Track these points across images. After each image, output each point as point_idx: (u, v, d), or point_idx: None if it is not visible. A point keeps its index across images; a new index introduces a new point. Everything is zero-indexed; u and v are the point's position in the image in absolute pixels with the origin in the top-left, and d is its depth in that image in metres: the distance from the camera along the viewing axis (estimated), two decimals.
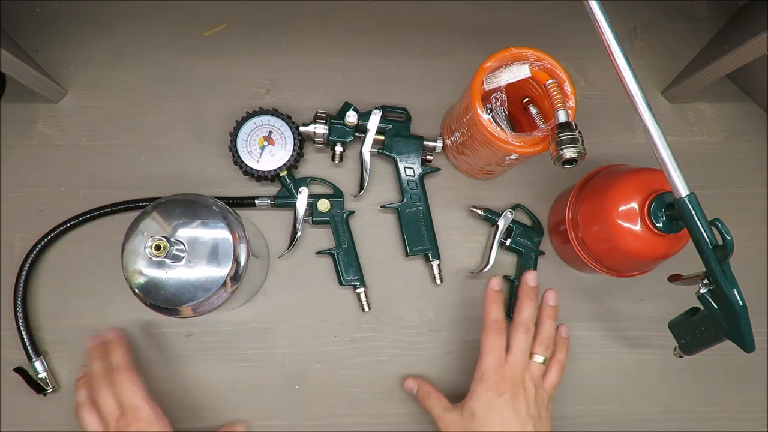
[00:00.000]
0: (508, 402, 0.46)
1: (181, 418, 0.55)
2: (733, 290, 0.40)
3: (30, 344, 0.54)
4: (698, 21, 0.68)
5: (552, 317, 0.51)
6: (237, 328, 0.57)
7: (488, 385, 0.47)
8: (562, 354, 0.52)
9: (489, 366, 0.48)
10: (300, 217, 0.57)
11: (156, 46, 0.63)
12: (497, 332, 0.49)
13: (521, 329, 0.49)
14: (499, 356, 0.48)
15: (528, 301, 0.50)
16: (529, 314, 0.50)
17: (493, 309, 0.50)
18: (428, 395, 0.52)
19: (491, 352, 0.48)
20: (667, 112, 0.66)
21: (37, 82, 0.57)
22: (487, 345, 0.49)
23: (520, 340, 0.49)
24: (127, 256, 0.45)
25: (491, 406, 0.46)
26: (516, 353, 0.48)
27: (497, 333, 0.49)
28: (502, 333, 0.49)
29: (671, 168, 0.40)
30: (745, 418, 0.59)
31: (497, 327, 0.49)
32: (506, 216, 0.58)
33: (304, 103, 0.62)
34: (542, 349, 0.49)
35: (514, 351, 0.48)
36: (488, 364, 0.48)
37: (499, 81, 0.48)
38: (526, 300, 0.51)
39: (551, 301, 0.52)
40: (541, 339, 0.50)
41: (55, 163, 0.60)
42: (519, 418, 0.46)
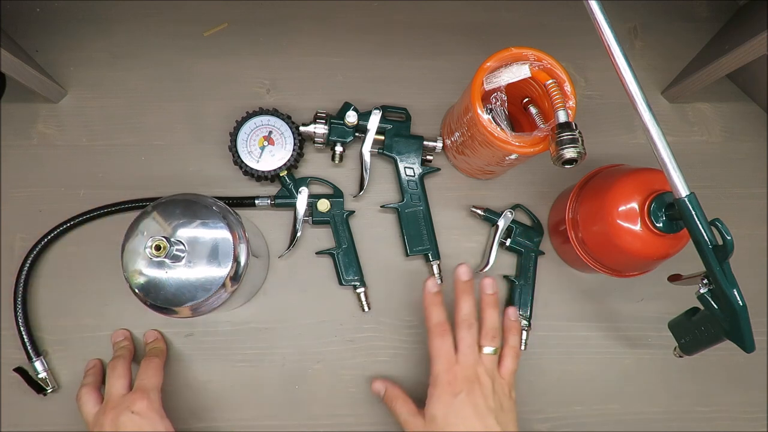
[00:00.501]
0: (465, 400, 0.46)
1: (181, 418, 0.55)
2: (733, 290, 0.40)
3: (30, 344, 0.54)
4: (698, 21, 0.68)
5: (492, 305, 0.51)
6: (237, 328, 0.57)
7: (442, 388, 0.47)
8: (513, 339, 0.51)
9: (440, 369, 0.48)
10: (300, 217, 0.57)
11: (156, 46, 0.63)
12: (441, 334, 0.49)
13: (464, 326, 0.49)
14: (448, 358, 0.48)
15: (464, 295, 0.50)
16: (468, 310, 0.50)
17: (433, 312, 0.50)
18: (395, 399, 0.51)
19: (439, 356, 0.48)
20: (667, 112, 0.66)
21: (37, 82, 0.57)
22: (434, 349, 0.49)
23: (465, 338, 0.49)
24: (127, 256, 0.45)
25: (449, 408, 0.46)
26: (464, 351, 0.48)
27: (441, 335, 0.49)
28: (447, 334, 0.49)
29: (671, 168, 0.40)
30: (745, 418, 0.59)
31: (441, 329, 0.49)
32: (506, 216, 0.58)
33: (304, 103, 0.62)
34: (488, 340, 0.49)
35: (461, 349, 0.48)
36: (439, 368, 0.48)
37: (499, 81, 0.48)
38: (462, 295, 0.50)
39: (488, 289, 0.51)
40: (486, 330, 0.49)
41: (55, 163, 0.60)
42: (478, 413, 0.46)
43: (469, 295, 0.50)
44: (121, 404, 0.47)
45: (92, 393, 0.50)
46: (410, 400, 0.51)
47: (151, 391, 0.49)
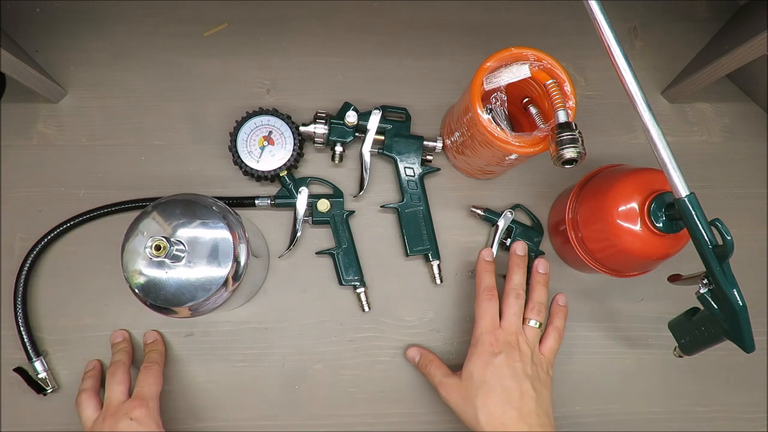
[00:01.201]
0: (503, 361, 0.47)
1: (181, 418, 0.55)
2: (733, 290, 0.40)
3: (30, 344, 0.54)
4: (698, 21, 0.68)
5: (542, 283, 0.53)
6: (237, 328, 0.57)
7: (483, 348, 0.48)
8: (559, 321, 0.53)
9: (483, 329, 0.49)
10: (300, 217, 0.57)
11: (156, 46, 0.63)
12: (489, 298, 0.50)
13: (512, 295, 0.51)
14: (492, 320, 0.50)
15: (517, 268, 0.52)
16: (519, 281, 0.52)
17: (485, 277, 0.52)
18: (430, 363, 0.53)
19: (484, 317, 0.50)
20: (667, 112, 0.66)
21: (37, 82, 0.57)
22: (480, 310, 0.50)
23: (511, 305, 0.50)
24: (127, 256, 0.45)
25: (487, 366, 0.47)
26: (508, 317, 0.50)
27: (489, 299, 0.50)
28: (494, 299, 0.51)
29: (671, 168, 0.40)
30: (745, 418, 0.59)
31: (489, 293, 0.51)
32: (506, 216, 0.58)
33: (304, 103, 0.62)
34: (534, 313, 0.51)
35: (506, 316, 0.50)
36: (482, 328, 0.49)
37: (499, 81, 0.48)
38: (515, 268, 0.53)
39: (541, 269, 0.54)
40: (533, 304, 0.51)
41: (55, 163, 0.60)
42: (515, 375, 0.47)
43: (521, 269, 0.52)
44: (120, 411, 0.47)
45: (91, 398, 0.50)
46: (444, 364, 0.53)
47: (150, 399, 0.49)
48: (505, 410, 0.46)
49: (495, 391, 0.47)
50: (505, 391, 0.46)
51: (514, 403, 0.46)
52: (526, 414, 0.46)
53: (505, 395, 0.46)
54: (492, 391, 0.47)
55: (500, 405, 0.46)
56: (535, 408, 0.46)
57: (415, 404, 0.57)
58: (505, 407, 0.46)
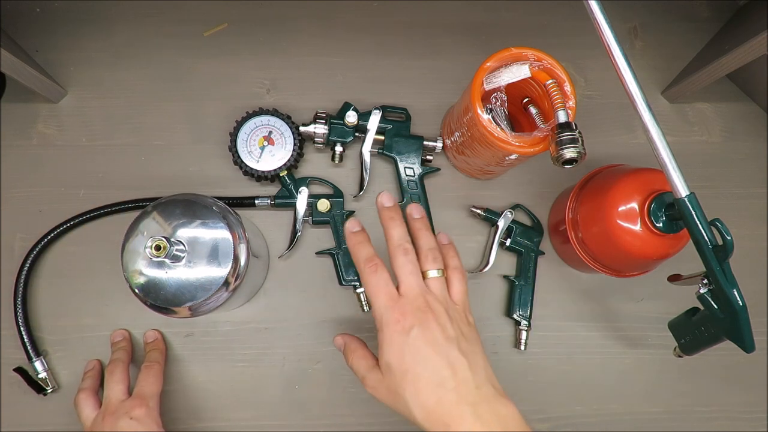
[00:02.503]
0: (419, 336, 0.39)
1: (181, 418, 0.55)
2: (733, 290, 0.40)
3: (30, 344, 0.54)
4: (698, 21, 0.68)
5: (425, 228, 0.45)
6: (237, 328, 0.57)
7: (391, 329, 0.40)
8: (453, 260, 0.45)
9: (383, 308, 0.40)
10: (300, 217, 0.57)
11: (156, 46, 0.63)
12: (374, 270, 0.41)
13: (399, 252, 0.42)
14: (388, 294, 0.41)
15: (391, 222, 0.43)
16: (399, 234, 0.43)
17: (359, 250, 0.43)
18: (352, 353, 0.45)
19: (377, 293, 0.41)
20: (667, 112, 0.66)
21: (37, 82, 0.57)
22: (370, 287, 0.41)
23: (403, 265, 0.41)
24: (127, 256, 0.45)
25: (404, 352, 0.39)
26: (406, 280, 0.41)
27: (374, 270, 0.41)
28: (381, 267, 0.41)
29: (671, 168, 0.40)
30: (745, 418, 0.59)
31: (372, 264, 0.41)
32: (506, 216, 0.58)
33: (304, 103, 0.62)
34: (430, 261, 0.42)
35: (402, 279, 0.41)
36: (381, 307, 0.40)
37: (499, 81, 0.48)
38: (390, 222, 0.43)
39: (416, 213, 0.45)
40: (425, 253, 0.43)
41: (55, 163, 0.60)
42: (438, 347, 0.39)
43: (398, 220, 0.43)
44: (120, 409, 0.47)
45: (90, 398, 0.50)
46: (369, 354, 0.44)
47: (151, 399, 0.49)
48: (440, 395, 0.38)
49: (422, 378, 0.38)
50: (433, 373, 0.38)
51: (448, 383, 0.38)
52: (464, 391, 0.38)
53: (435, 377, 0.38)
54: (418, 378, 0.38)
55: (432, 391, 0.38)
56: (472, 377, 0.39)
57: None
58: (439, 392, 0.38)
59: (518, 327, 0.58)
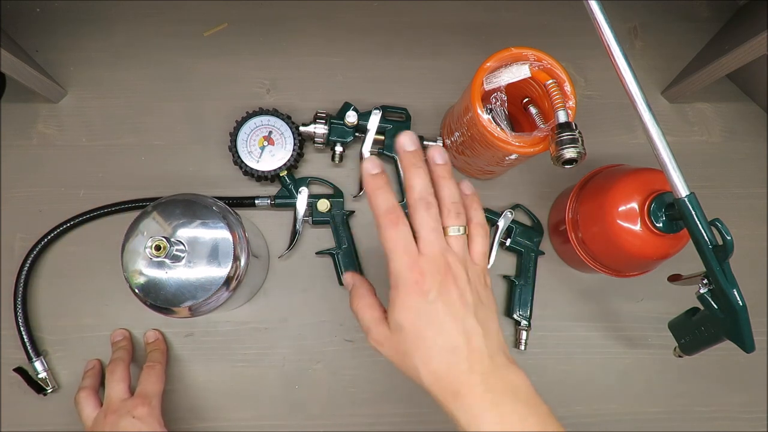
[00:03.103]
0: (437, 301, 0.37)
1: (181, 418, 0.55)
2: (733, 290, 0.40)
3: (30, 344, 0.54)
4: (698, 21, 0.68)
5: (447, 176, 0.40)
6: (237, 328, 0.57)
7: (407, 289, 0.37)
8: (477, 214, 0.41)
9: (401, 266, 0.38)
10: (300, 217, 0.57)
11: (156, 46, 0.63)
12: (395, 223, 0.38)
13: (421, 206, 0.38)
14: (408, 250, 0.38)
15: (413, 169, 0.39)
16: (422, 185, 0.39)
17: (379, 198, 0.39)
18: (360, 299, 0.42)
19: (396, 249, 0.38)
20: (667, 112, 0.66)
21: (37, 82, 0.57)
22: (389, 242, 0.38)
23: (425, 221, 0.38)
24: (127, 256, 0.45)
25: (419, 315, 0.37)
26: (427, 237, 0.38)
27: (395, 224, 0.38)
28: (402, 221, 0.38)
29: (671, 168, 0.40)
30: (745, 418, 0.59)
31: (393, 217, 0.38)
32: (506, 216, 0.58)
33: (304, 103, 0.62)
34: (453, 218, 0.39)
35: (423, 236, 0.38)
36: (399, 265, 0.38)
37: (499, 81, 0.48)
38: (412, 169, 0.39)
39: (438, 158, 0.41)
40: (447, 207, 0.39)
41: (55, 163, 0.60)
42: (455, 314, 0.37)
43: (420, 168, 0.39)
44: (122, 408, 0.47)
45: (90, 397, 0.50)
46: (377, 304, 0.42)
47: (153, 398, 0.49)
48: (452, 363, 0.36)
49: (435, 345, 0.37)
50: (447, 340, 0.37)
51: (461, 351, 0.36)
52: (476, 360, 0.37)
53: (448, 344, 0.36)
54: (432, 345, 0.37)
55: (444, 359, 0.36)
56: (485, 346, 0.37)
57: (415, 404, 0.56)
58: (451, 360, 0.36)
59: (518, 327, 0.58)
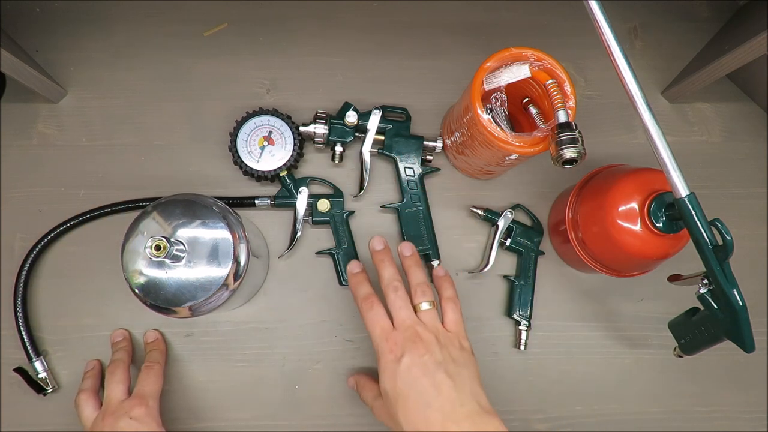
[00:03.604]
0: (409, 362, 0.43)
1: (181, 417, 0.55)
2: (733, 290, 0.40)
3: (30, 344, 0.54)
4: (698, 21, 0.68)
5: (415, 264, 0.49)
6: (237, 328, 0.57)
7: (385, 358, 0.44)
8: (448, 291, 0.49)
9: (378, 340, 0.45)
10: (300, 217, 0.57)
11: (156, 46, 0.63)
12: (370, 307, 0.46)
13: (390, 291, 0.46)
14: (383, 327, 0.45)
15: (381, 264, 0.48)
16: (389, 273, 0.47)
17: (359, 289, 0.48)
18: (363, 388, 0.50)
19: (374, 327, 0.45)
20: (667, 112, 0.66)
21: (37, 82, 0.57)
22: (368, 322, 0.46)
23: (394, 301, 0.46)
24: (127, 256, 0.45)
25: (396, 376, 0.43)
26: (397, 314, 0.45)
27: (370, 308, 0.46)
28: (376, 304, 0.46)
29: (671, 168, 0.40)
30: (745, 418, 0.59)
31: (368, 302, 0.46)
32: (506, 216, 0.58)
33: (304, 103, 0.62)
34: (420, 295, 0.46)
35: (395, 313, 0.46)
36: (377, 339, 0.45)
37: (499, 81, 0.48)
38: (380, 264, 0.48)
39: (407, 251, 0.50)
40: (414, 287, 0.47)
41: (55, 163, 0.60)
42: (426, 370, 0.42)
43: (388, 262, 0.48)
44: (120, 409, 0.47)
45: (90, 398, 0.50)
46: (377, 387, 0.47)
47: (150, 398, 0.49)
48: (427, 415, 0.41)
49: (411, 400, 0.42)
50: (420, 395, 0.42)
51: (434, 403, 0.41)
52: (449, 410, 0.41)
53: (422, 399, 0.42)
54: (408, 400, 0.42)
55: (420, 411, 0.42)
56: (457, 396, 0.42)
57: None
58: (426, 412, 0.41)
59: (518, 327, 0.58)
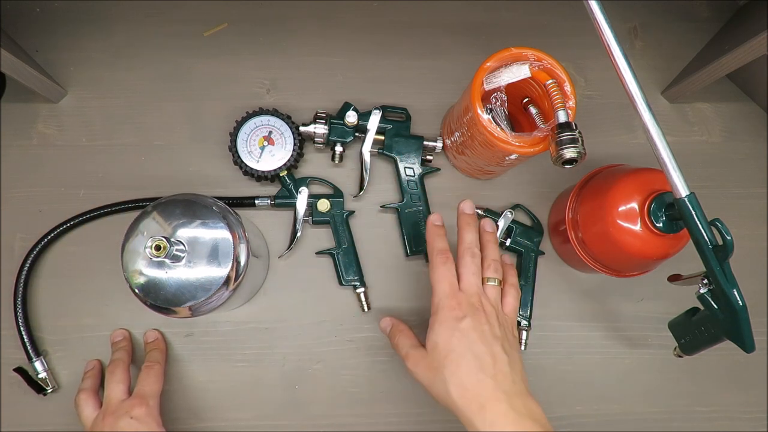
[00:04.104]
0: (470, 325, 0.43)
1: (182, 417, 0.55)
2: (733, 290, 0.40)
3: (30, 344, 0.54)
4: (698, 21, 0.68)
5: (493, 241, 0.50)
6: (237, 328, 0.57)
7: (445, 313, 0.44)
8: (512, 278, 0.50)
9: (442, 295, 0.45)
10: (300, 217, 0.57)
11: (156, 46, 0.63)
12: (444, 261, 0.47)
13: (467, 254, 0.47)
14: (451, 284, 0.46)
15: (467, 227, 0.49)
16: (471, 239, 0.48)
17: (436, 241, 0.48)
18: (399, 333, 0.49)
19: (442, 281, 0.46)
20: (667, 112, 0.66)
21: (37, 82, 0.57)
22: (437, 274, 0.46)
23: (468, 266, 0.47)
24: (127, 256, 0.44)
25: (453, 333, 0.43)
26: (467, 278, 0.46)
27: (444, 262, 0.47)
28: (450, 261, 0.47)
29: (671, 168, 0.40)
30: (745, 418, 0.59)
31: (443, 256, 0.47)
32: (506, 216, 0.58)
33: (304, 103, 0.62)
34: (491, 271, 0.48)
35: (464, 277, 0.46)
36: (441, 293, 0.45)
37: (499, 81, 0.48)
38: (465, 227, 0.49)
39: (488, 227, 0.51)
40: (489, 262, 0.48)
41: (55, 163, 0.60)
42: (484, 338, 0.43)
43: (473, 227, 0.49)
44: (120, 409, 0.47)
45: (90, 398, 0.50)
46: (414, 335, 0.49)
47: (151, 398, 0.49)
48: (480, 379, 0.42)
49: (465, 359, 0.42)
50: (476, 358, 0.42)
51: (488, 369, 0.42)
52: (501, 380, 0.42)
53: (477, 362, 0.42)
54: (461, 359, 0.42)
55: (473, 374, 0.42)
56: (510, 372, 0.43)
57: (415, 404, 0.56)
58: (479, 375, 0.42)
59: (518, 327, 0.58)
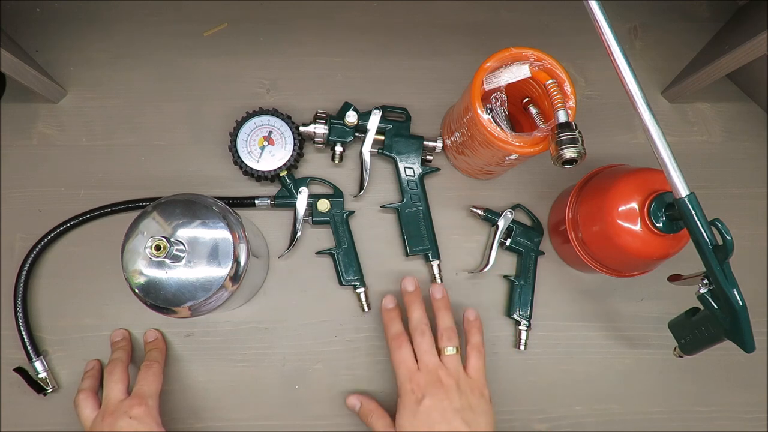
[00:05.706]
0: (429, 405, 0.46)
1: (181, 417, 0.55)
2: (733, 290, 0.40)
3: (30, 344, 0.54)
4: (698, 21, 0.68)
5: (443, 308, 0.52)
6: (237, 328, 0.57)
7: (407, 397, 0.47)
8: (475, 337, 0.52)
9: (403, 379, 0.48)
10: (300, 217, 0.57)
11: (156, 46, 0.63)
12: (399, 346, 0.50)
13: (416, 334, 0.50)
14: (408, 366, 0.49)
15: (411, 305, 0.52)
16: (417, 316, 0.51)
17: (389, 326, 0.52)
18: (370, 414, 0.51)
19: (399, 366, 0.49)
20: (667, 112, 0.66)
21: (37, 82, 0.57)
22: (395, 361, 0.49)
23: (420, 344, 0.49)
24: (127, 256, 0.45)
25: (415, 416, 0.46)
26: (422, 357, 0.49)
27: (399, 347, 0.50)
28: (405, 344, 0.50)
29: (671, 168, 0.40)
30: (745, 418, 0.59)
31: (398, 341, 0.50)
32: (506, 216, 0.58)
33: (304, 103, 0.62)
34: (445, 340, 0.50)
35: (419, 356, 0.49)
36: (401, 378, 0.48)
37: (499, 81, 0.48)
38: (410, 305, 0.52)
39: (437, 294, 0.53)
40: (441, 332, 0.50)
41: (55, 163, 0.60)
42: (444, 416, 0.46)
43: (417, 303, 0.52)
44: (119, 409, 0.47)
45: (90, 398, 0.50)
46: (386, 414, 0.51)
47: (150, 398, 0.49)
48: None
49: None
50: None
51: None
52: None
53: None
54: None
55: None
56: None
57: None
58: None
59: (518, 327, 0.58)
